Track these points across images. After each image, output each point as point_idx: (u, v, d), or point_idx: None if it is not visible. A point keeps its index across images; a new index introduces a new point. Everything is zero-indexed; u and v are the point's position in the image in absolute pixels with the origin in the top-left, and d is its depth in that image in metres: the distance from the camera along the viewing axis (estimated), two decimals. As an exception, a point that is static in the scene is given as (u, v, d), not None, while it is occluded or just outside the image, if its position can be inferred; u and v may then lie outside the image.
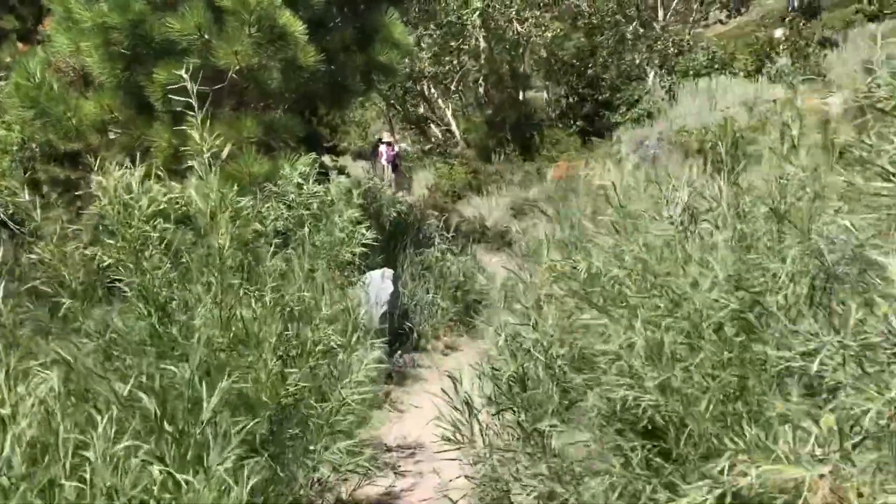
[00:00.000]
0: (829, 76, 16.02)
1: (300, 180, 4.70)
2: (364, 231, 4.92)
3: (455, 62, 24.69)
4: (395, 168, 26.36)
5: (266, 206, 4.58)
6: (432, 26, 15.81)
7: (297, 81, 6.35)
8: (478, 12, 15.38)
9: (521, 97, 16.27)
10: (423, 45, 24.13)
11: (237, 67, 5.64)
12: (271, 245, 4.56)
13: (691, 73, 16.95)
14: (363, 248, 4.99)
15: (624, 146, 14.98)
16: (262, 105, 6.53)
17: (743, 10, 31.41)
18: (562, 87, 17.54)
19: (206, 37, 5.50)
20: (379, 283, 5.69)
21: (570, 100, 17.18)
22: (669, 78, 17.33)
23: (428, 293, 6.27)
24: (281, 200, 4.91)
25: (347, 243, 4.95)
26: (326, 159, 12.94)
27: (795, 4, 21.09)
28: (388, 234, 6.77)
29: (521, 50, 16.16)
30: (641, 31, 28.72)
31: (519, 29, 15.72)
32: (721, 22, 31.04)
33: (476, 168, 14.47)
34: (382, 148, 25.69)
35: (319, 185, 5.29)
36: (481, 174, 14.53)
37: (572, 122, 16.94)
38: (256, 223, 4.55)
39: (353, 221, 4.86)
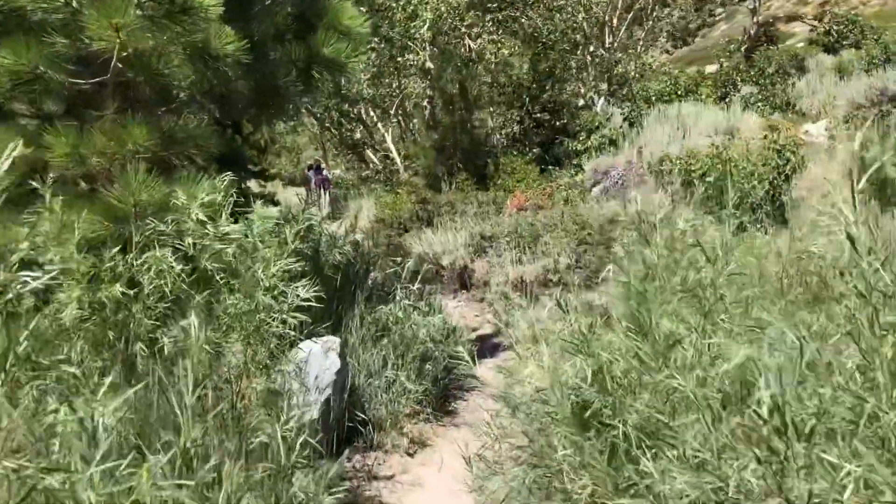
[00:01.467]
0: (798, 105, 15.28)
1: (202, 215, 3.09)
2: (301, 289, 3.36)
3: (395, 84, 23.45)
4: (327, 192, 24.83)
5: (146, 255, 2.97)
6: (375, 40, 14.32)
7: (210, 77, 4.72)
8: (427, 24, 14.03)
9: (473, 121, 14.91)
10: (361, 64, 22.79)
11: (124, 53, 3.99)
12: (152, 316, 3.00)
13: (653, 98, 15.98)
14: (299, 314, 3.46)
15: (587, 175, 13.78)
16: (164, 109, 4.88)
17: (690, 40, 31.33)
18: (515, 110, 16.30)
19: (74, 4, 3.86)
20: (320, 361, 4.10)
21: (526, 125, 15.94)
22: (628, 105, 16.32)
23: (387, 365, 4.69)
24: (173, 244, 3.29)
25: (276, 309, 3.38)
26: (253, 185, 11.28)
27: (752, 33, 20.58)
28: (332, 287, 5.18)
29: (473, 69, 14.87)
30: (589, 58, 28.28)
31: (471, 45, 14.44)
32: (667, 52, 30.76)
33: (425, 197, 13.00)
34: (311, 173, 24.19)
35: (238, 220, 3.71)
36: (431, 204, 13.06)
37: (528, 148, 15.69)
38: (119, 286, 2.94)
39: (284, 276, 3.29)
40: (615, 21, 26.33)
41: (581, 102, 20.99)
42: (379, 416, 4.55)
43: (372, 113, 25.92)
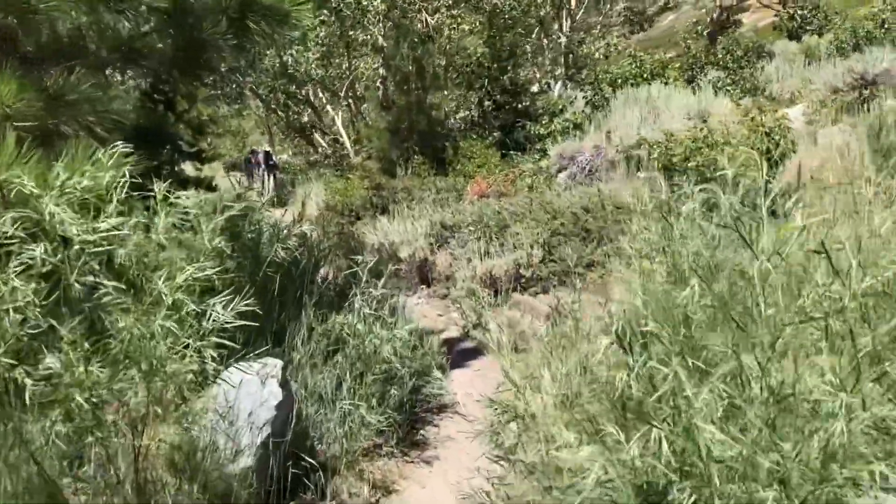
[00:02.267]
0: (768, 89, 14.74)
1: (64, 204, 2.12)
2: (220, 309, 2.41)
3: (346, 65, 22.32)
4: (274, 176, 23.60)
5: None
6: (325, 12, 13.25)
7: (115, 28, 3.70)
8: (380, -2, 13.02)
9: (430, 101, 13.95)
10: (309, 42, 21.60)
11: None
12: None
13: (619, 81, 15.26)
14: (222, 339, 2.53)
15: (552, 161, 12.98)
16: (63, 66, 3.84)
17: (647, 26, 30.82)
18: (475, 92, 15.40)
19: None
20: (255, 393, 3.16)
21: (486, 107, 15.06)
22: (590, 88, 15.58)
23: (341, 388, 3.78)
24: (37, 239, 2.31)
25: (186, 334, 2.44)
26: (189, 168, 10.16)
27: (715, 16, 20.05)
28: (272, 291, 4.22)
29: (430, 46, 13.90)
30: (546, 41, 27.55)
31: (429, 20, 13.47)
32: (624, 37, 30.19)
33: (379, 183, 12.03)
34: (259, 157, 22.96)
35: (151, 208, 2.75)
36: (386, 190, 12.09)
37: (488, 132, 14.81)
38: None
39: (194, 288, 2.34)
40: (573, 3, 25.72)
41: (535, 88, 20.25)
42: (332, 454, 3.63)
43: (321, 95, 24.73)
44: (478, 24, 12.82)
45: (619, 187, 10.59)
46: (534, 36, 23.25)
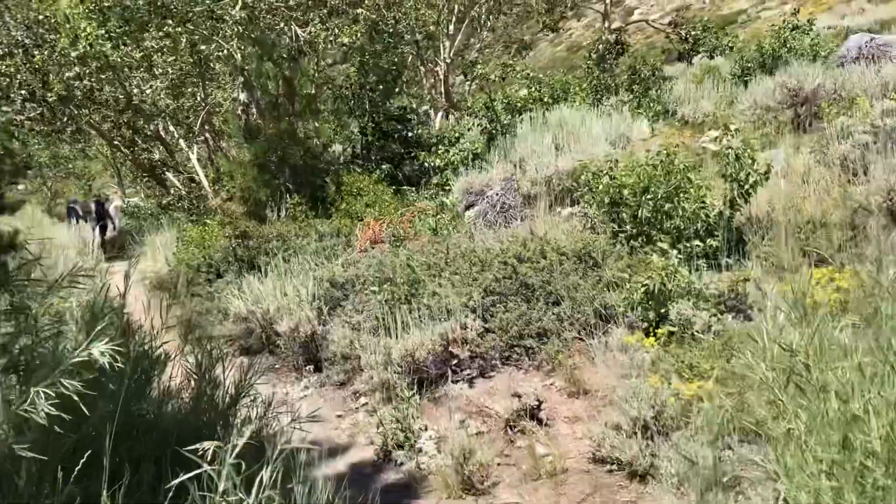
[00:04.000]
0: (680, 112, 13.60)
1: None
2: None
3: (200, 94, 19.70)
4: (103, 230, 20.46)
5: None
6: (168, 22, 10.85)
7: None
8: (238, 6, 10.77)
9: (305, 129, 11.76)
10: (155, 69, 18.85)
11: None
12: None
13: (519, 106, 13.69)
14: None
15: (456, 196, 11.09)
16: None
17: (525, 53, 29.98)
18: (357, 118, 13.36)
19: None
20: None
21: (370, 136, 13.03)
22: (486, 113, 13.92)
23: None
24: None
25: None
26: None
27: (605, 38, 19.09)
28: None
29: (302, 63, 11.73)
30: (423, 69, 25.98)
31: (300, 33, 11.33)
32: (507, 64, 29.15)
33: (244, 230, 9.66)
34: (91, 206, 19.96)
35: None
36: (254, 239, 9.73)
37: (375, 164, 12.77)
38: None
39: None
40: (451, 28, 24.32)
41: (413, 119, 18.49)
42: None
43: (173, 129, 21.87)
44: (359, 35, 10.80)
45: (542, 227, 8.82)
46: (409, 62, 21.61)
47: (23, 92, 16.99)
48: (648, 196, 6.92)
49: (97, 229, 19.99)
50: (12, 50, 16.58)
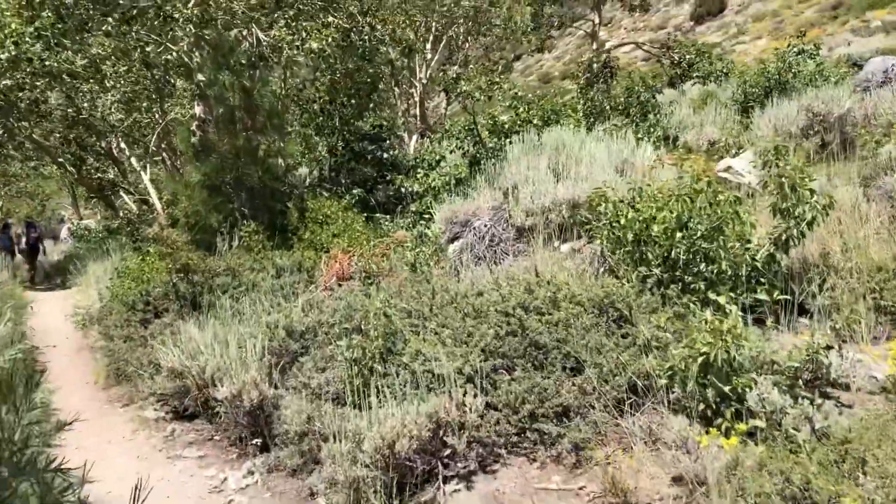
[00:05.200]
0: (682, 138, 12.47)
1: None
2: None
3: (157, 110, 18.21)
4: (33, 253, 18.78)
5: None
6: (109, 20, 9.41)
7: None
8: (192, 2, 9.37)
9: (265, 146, 10.32)
10: (108, 79, 17.31)
11: None
12: None
13: (507, 127, 12.41)
14: None
15: (438, 227, 9.71)
16: None
17: (506, 76, 28.86)
18: (325, 136, 11.96)
19: None
20: None
21: (340, 156, 11.62)
22: (471, 135, 12.67)
23: None
24: None
25: None
26: None
27: (592, 60, 18.01)
28: None
29: (264, 71, 10.33)
30: (397, 90, 24.74)
31: (262, 37, 9.95)
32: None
33: (189, 262, 8.16)
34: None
35: None
36: (199, 273, 8.23)
37: (345, 189, 11.36)
38: None
39: None
40: (428, 49, 23.14)
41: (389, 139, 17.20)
42: None
43: (125, 147, 20.26)
44: (330, 40, 9.43)
45: (543, 265, 7.46)
46: (382, 85, 20.33)
47: (-50, 100, 15.31)
48: (684, 234, 5.60)
49: (23, 253, 18.34)
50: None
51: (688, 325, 4.91)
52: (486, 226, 9.14)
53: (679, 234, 5.62)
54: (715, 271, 5.51)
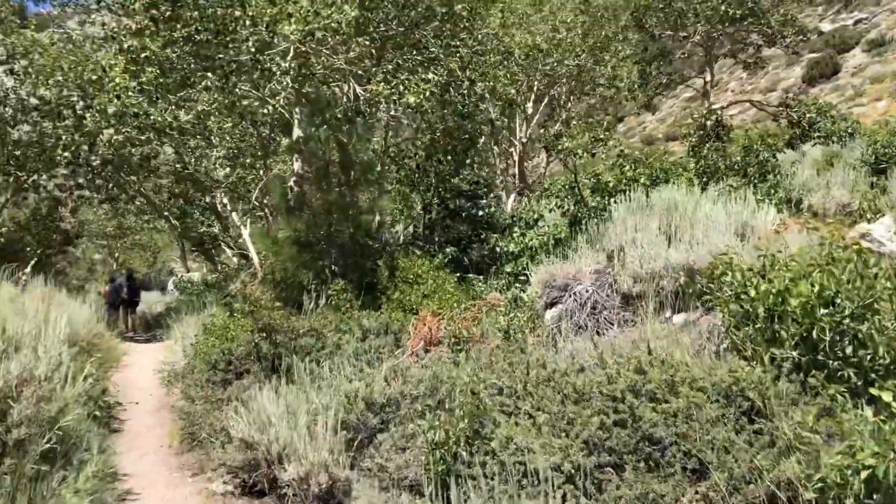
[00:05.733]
0: (806, 201, 11.40)
1: None
2: None
3: (260, 166, 18.46)
4: (132, 305, 19.16)
5: None
6: (209, 75, 9.40)
7: None
8: (291, 54, 9.24)
9: (358, 202, 10.00)
10: (214, 135, 17.74)
11: None
12: None
13: (611, 186, 11.70)
14: None
15: (534, 290, 9.02)
16: None
17: (607, 134, 28.18)
18: (420, 193, 11.58)
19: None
20: None
21: (435, 214, 11.20)
22: (570, 194, 12.03)
23: None
24: None
25: None
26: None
27: (704, 119, 17.12)
28: None
29: (359, 125, 10.07)
30: (496, 149, 24.45)
31: (358, 91, 9.72)
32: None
33: (272, 322, 7.78)
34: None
35: None
36: (281, 333, 7.84)
37: (438, 247, 10.88)
38: None
39: None
40: (529, 107, 22.80)
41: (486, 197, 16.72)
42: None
43: (227, 202, 20.69)
44: (428, 94, 9.08)
45: (653, 340, 6.64)
46: (481, 142, 20.03)
47: (66, 154, 15.94)
48: (830, 311, 4.73)
49: (123, 305, 18.78)
50: (62, 111, 15.69)
51: (839, 424, 4.03)
52: (587, 291, 8.39)
53: (823, 311, 4.74)
54: (869, 357, 4.60)
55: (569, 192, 12.26)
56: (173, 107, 11.62)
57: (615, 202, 10.69)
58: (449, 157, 11.22)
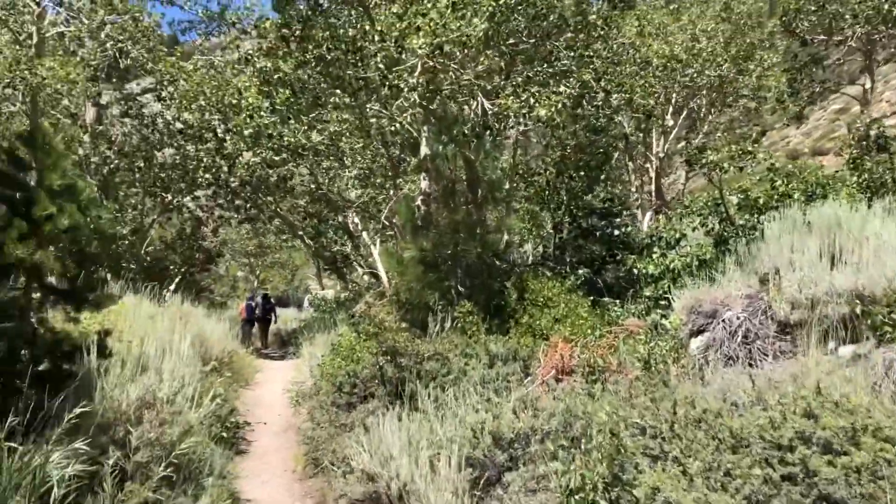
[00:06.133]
0: None
1: None
2: None
3: (390, 186, 18.55)
4: (250, 322, 19.58)
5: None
6: (338, 92, 9.37)
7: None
8: (419, 70, 9.06)
9: (485, 221, 9.65)
10: (346, 158, 18.03)
11: None
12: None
13: (761, 202, 10.76)
14: None
15: (678, 317, 8.29)
16: None
17: (755, 147, 26.53)
18: (549, 211, 11.09)
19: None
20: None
21: (567, 234, 10.66)
22: (713, 212, 11.17)
23: None
24: None
25: None
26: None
27: (863, 129, 15.59)
28: None
29: (487, 141, 9.74)
30: (631, 164, 23.51)
31: (487, 106, 9.39)
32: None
33: (396, 345, 7.52)
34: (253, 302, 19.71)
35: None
36: (407, 355, 7.56)
37: (569, 268, 10.33)
38: None
39: None
40: (668, 119, 21.80)
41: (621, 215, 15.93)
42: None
43: (357, 220, 20.96)
44: (560, 107, 8.60)
45: (818, 375, 5.81)
46: (615, 159, 19.23)
47: (207, 176, 16.64)
48: None
49: (258, 323, 19.34)
50: (204, 134, 16.39)
51: None
52: (738, 318, 7.59)
53: None
54: None
55: (713, 210, 11.40)
56: (305, 127, 11.76)
57: (766, 220, 9.77)
58: (581, 174, 10.67)
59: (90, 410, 4.62)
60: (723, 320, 7.71)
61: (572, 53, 10.21)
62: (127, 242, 17.26)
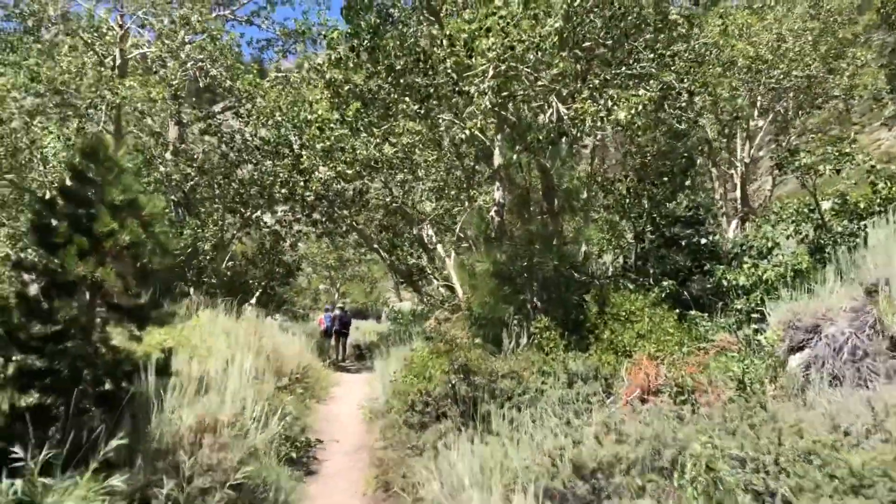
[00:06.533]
0: None
1: None
2: None
3: (464, 197, 18.26)
4: (327, 334, 19.48)
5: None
6: (407, 100, 9.10)
7: None
8: (490, 74, 8.67)
9: (561, 232, 9.16)
10: (420, 170, 17.85)
11: None
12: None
13: (862, 207, 9.94)
14: None
15: (774, 332, 7.61)
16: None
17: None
18: (630, 220, 10.51)
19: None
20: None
21: (649, 243, 10.06)
22: (809, 219, 10.41)
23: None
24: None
25: None
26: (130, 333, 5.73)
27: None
28: None
29: (562, 147, 9.26)
30: (714, 171, 22.52)
31: (562, 111, 8.93)
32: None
33: (469, 363, 7.13)
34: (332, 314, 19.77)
35: None
36: (479, 373, 7.16)
37: (652, 281, 9.73)
38: None
39: None
40: (753, 123, 20.78)
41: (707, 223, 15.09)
42: None
43: (431, 232, 20.71)
44: (641, 109, 8.07)
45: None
46: (699, 162, 18.39)
47: (284, 191, 16.70)
48: None
49: (334, 336, 19.33)
50: (281, 150, 16.46)
51: None
52: (843, 333, 6.87)
53: None
54: None
55: (806, 216, 10.61)
56: (378, 140, 11.55)
57: (869, 226, 8.96)
58: (664, 180, 10.06)
59: (147, 433, 4.40)
60: (825, 336, 7.00)
61: (652, 55, 9.66)
62: (208, 258, 17.47)
